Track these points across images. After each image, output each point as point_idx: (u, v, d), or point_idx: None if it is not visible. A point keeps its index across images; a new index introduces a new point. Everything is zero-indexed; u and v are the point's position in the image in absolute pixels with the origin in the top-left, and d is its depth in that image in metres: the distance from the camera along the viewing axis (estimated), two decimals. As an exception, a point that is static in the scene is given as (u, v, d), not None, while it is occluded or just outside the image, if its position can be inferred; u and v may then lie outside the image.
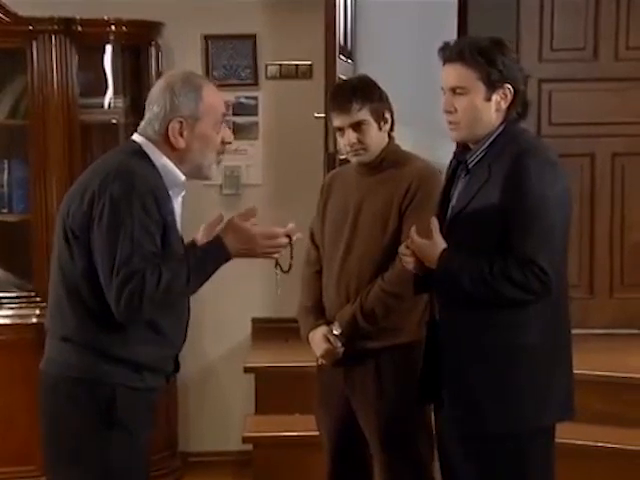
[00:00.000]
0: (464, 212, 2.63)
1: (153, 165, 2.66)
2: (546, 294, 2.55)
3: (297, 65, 4.90)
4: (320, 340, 3.17)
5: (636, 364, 4.46)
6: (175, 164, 2.69)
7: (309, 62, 4.88)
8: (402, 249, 2.73)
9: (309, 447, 3.79)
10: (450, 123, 2.67)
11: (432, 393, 2.75)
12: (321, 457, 3.42)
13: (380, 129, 3.17)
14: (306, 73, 4.89)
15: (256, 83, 4.91)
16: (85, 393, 2.60)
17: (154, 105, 2.69)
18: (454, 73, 2.64)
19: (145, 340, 2.63)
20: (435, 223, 2.64)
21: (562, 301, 2.67)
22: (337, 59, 4.37)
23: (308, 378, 4.24)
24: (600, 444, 4.06)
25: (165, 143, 2.68)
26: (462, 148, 2.72)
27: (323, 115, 4.33)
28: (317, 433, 3.44)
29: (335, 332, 3.14)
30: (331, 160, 4.33)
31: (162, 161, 2.68)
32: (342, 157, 3.67)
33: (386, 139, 3.20)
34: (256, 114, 4.92)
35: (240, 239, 2.60)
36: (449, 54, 2.65)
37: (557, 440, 2.79)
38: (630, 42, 4.98)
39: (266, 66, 4.92)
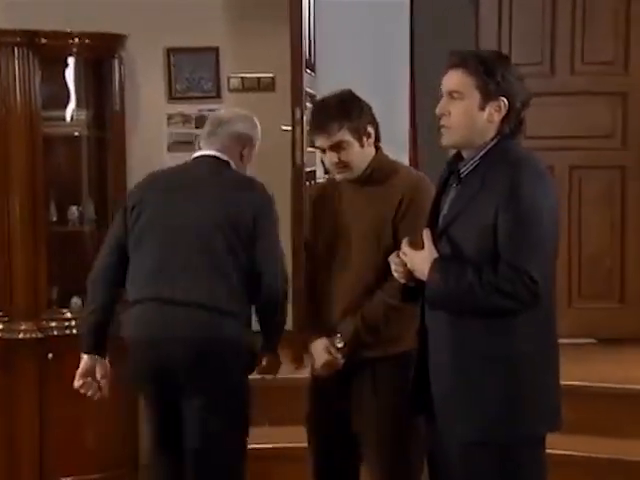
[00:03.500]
0: (456, 221, 2.65)
1: None
2: (535, 304, 2.58)
3: (259, 78, 4.92)
4: (322, 351, 3.16)
5: (596, 374, 4.54)
6: None
7: (271, 75, 4.90)
8: (393, 258, 2.75)
9: (281, 459, 3.80)
10: (442, 127, 2.70)
11: (423, 402, 2.77)
12: (294, 469, 3.42)
13: (362, 146, 3.15)
14: (268, 86, 4.92)
15: (219, 95, 4.93)
16: (245, 359, 3.23)
17: (238, 127, 3.38)
18: (454, 77, 2.68)
19: None
20: (428, 234, 2.67)
21: (550, 310, 2.70)
22: (303, 72, 4.40)
23: (276, 390, 4.27)
24: (564, 452, 4.09)
25: (241, 162, 3.39)
26: (455, 158, 2.76)
27: (290, 128, 4.35)
28: (289, 445, 3.43)
29: (338, 345, 3.14)
30: (298, 173, 4.35)
31: None
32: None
33: (372, 152, 3.19)
34: (219, 127, 4.93)
35: None
36: (454, 60, 2.70)
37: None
38: (585, 57, 5.08)
39: (228, 78, 4.93)
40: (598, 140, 5.09)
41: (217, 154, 3.33)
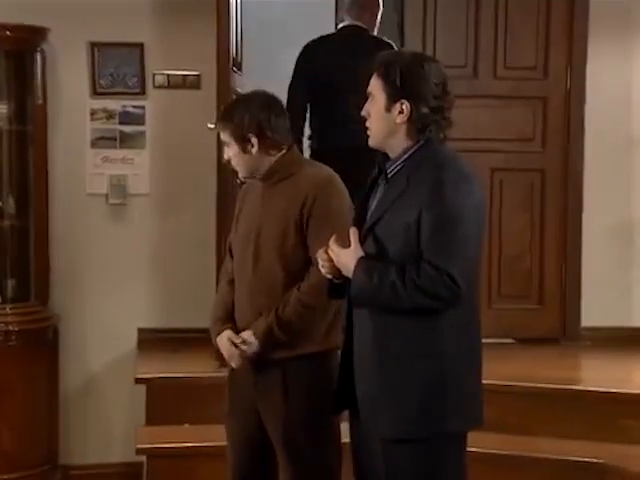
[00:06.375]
0: (381, 220, 2.69)
1: None
2: (456, 303, 2.62)
3: (185, 75, 4.90)
4: (226, 343, 3.15)
5: (514, 373, 4.62)
6: None
7: (197, 72, 4.88)
8: (320, 254, 2.77)
9: (204, 457, 3.80)
10: (366, 128, 2.77)
11: (348, 399, 2.79)
12: (215, 467, 3.41)
13: (245, 152, 3.12)
14: (194, 83, 4.89)
15: (143, 92, 4.89)
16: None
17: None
18: (372, 80, 2.74)
19: None
20: (354, 232, 2.69)
21: (474, 309, 2.75)
22: (230, 71, 4.38)
23: (196, 389, 4.28)
24: (482, 450, 4.13)
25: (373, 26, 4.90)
26: (385, 157, 2.79)
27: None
28: (210, 444, 3.41)
29: (250, 340, 3.11)
30: (224, 171, 4.32)
31: None
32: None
33: (268, 158, 3.13)
34: (143, 123, 4.90)
35: None
36: (375, 63, 2.74)
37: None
38: (508, 62, 5.18)
39: (153, 75, 4.89)
40: (519, 143, 5.20)
41: (358, 24, 4.75)
